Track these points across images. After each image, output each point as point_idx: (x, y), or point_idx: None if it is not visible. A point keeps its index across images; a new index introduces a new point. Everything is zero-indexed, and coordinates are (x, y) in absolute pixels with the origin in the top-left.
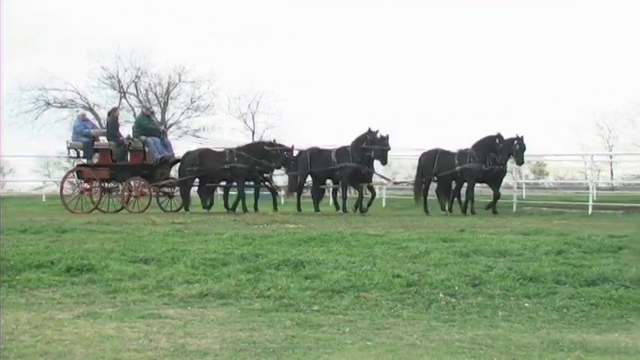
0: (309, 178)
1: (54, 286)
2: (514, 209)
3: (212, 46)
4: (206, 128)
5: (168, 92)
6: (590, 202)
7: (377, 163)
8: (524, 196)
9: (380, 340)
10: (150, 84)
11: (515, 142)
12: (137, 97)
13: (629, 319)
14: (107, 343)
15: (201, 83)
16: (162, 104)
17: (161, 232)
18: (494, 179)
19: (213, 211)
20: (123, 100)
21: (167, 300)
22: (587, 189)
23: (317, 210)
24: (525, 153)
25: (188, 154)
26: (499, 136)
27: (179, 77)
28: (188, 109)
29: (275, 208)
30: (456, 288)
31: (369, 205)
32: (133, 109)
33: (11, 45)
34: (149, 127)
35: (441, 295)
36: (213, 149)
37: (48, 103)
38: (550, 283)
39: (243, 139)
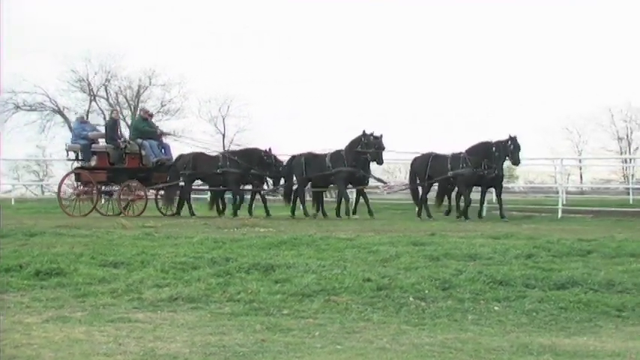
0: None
1: (23, 290)
2: (484, 213)
3: (183, 49)
4: (176, 131)
5: (138, 95)
6: (560, 206)
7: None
8: (494, 200)
9: (350, 343)
10: (120, 87)
11: (509, 142)
12: (107, 100)
13: (597, 322)
14: (76, 347)
15: (172, 86)
16: (132, 107)
17: (131, 236)
18: (494, 184)
19: (181, 215)
20: (93, 103)
21: (137, 304)
22: (557, 193)
23: (317, 213)
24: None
25: (181, 157)
26: (496, 143)
27: (149, 80)
28: (158, 112)
29: (250, 213)
30: (426, 292)
31: (354, 212)
32: (103, 113)
33: None
34: (145, 129)
35: (411, 298)
36: (207, 153)
37: (17, 106)
38: (520, 287)
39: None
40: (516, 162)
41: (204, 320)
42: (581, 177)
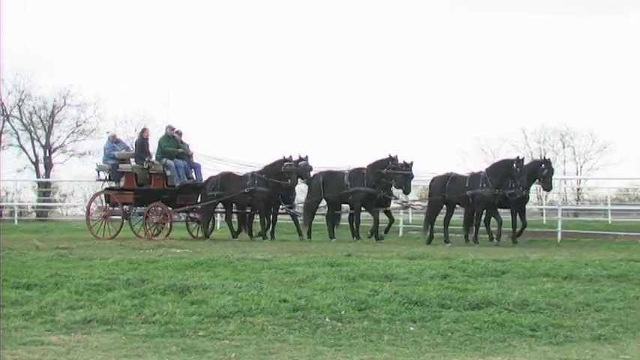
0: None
1: None
2: (400, 234)
3: (99, 68)
4: (92, 152)
5: (53, 115)
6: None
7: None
8: (410, 221)
9: None
10: (34, 107)
11: (543, 165)
12: (21, 120)
13: (511, 342)
14: None
15: (87, 107)
16: (46, 127)
17: (44, 258)
18: (516, 206)
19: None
20: (6, 124)
21: (50, 326)
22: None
23: (332, 237)
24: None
25: (210, 178)
26: (517, 160)
27: (64, 100)
28: (73, 132)
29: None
30: (343, 312)
31: (386, 232)
32: (17, 133)
33: None
34: (167, 149)
35: (327, 319)
36: (236, 173)
37: None
38: (435, 307)
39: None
40: (549, 187)
41: (119, 342)
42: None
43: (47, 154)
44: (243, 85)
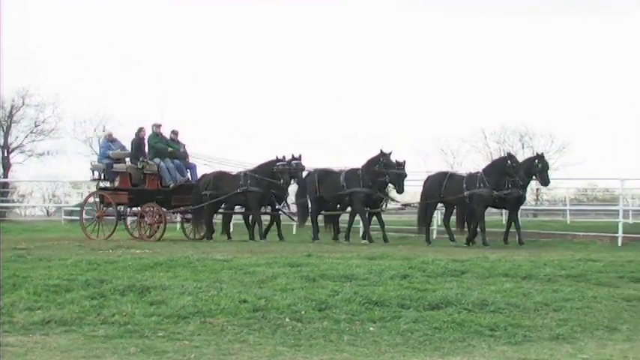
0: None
1: None
2: (360, 234)
3: (99, 68)
4: (51, 152)
5: (11, 115)
6: (435, 227)
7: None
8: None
9: None
10: None
11: (537, 160)
12: None
13: (471, 342)
14: None
15: (46, 106)
16: (4, 127)
17: (2, 258)
18: (513, 205)
19: (63, 237)
20: None
21: (8, 327)
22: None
23: (315, 238)
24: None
25: (204, 176)
26: (510, 156)
27: (23, 100)
28: (32, 132)
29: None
30: (302, 312)
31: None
32: None
33: None
34: (157, 146)
35: (287, 319)
36: (229, 172)
37: None
38: (395, 307)
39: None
40: (546, 182)
41: (78, 343)
42: None
43: (5, 155)
44: (243, 85)
